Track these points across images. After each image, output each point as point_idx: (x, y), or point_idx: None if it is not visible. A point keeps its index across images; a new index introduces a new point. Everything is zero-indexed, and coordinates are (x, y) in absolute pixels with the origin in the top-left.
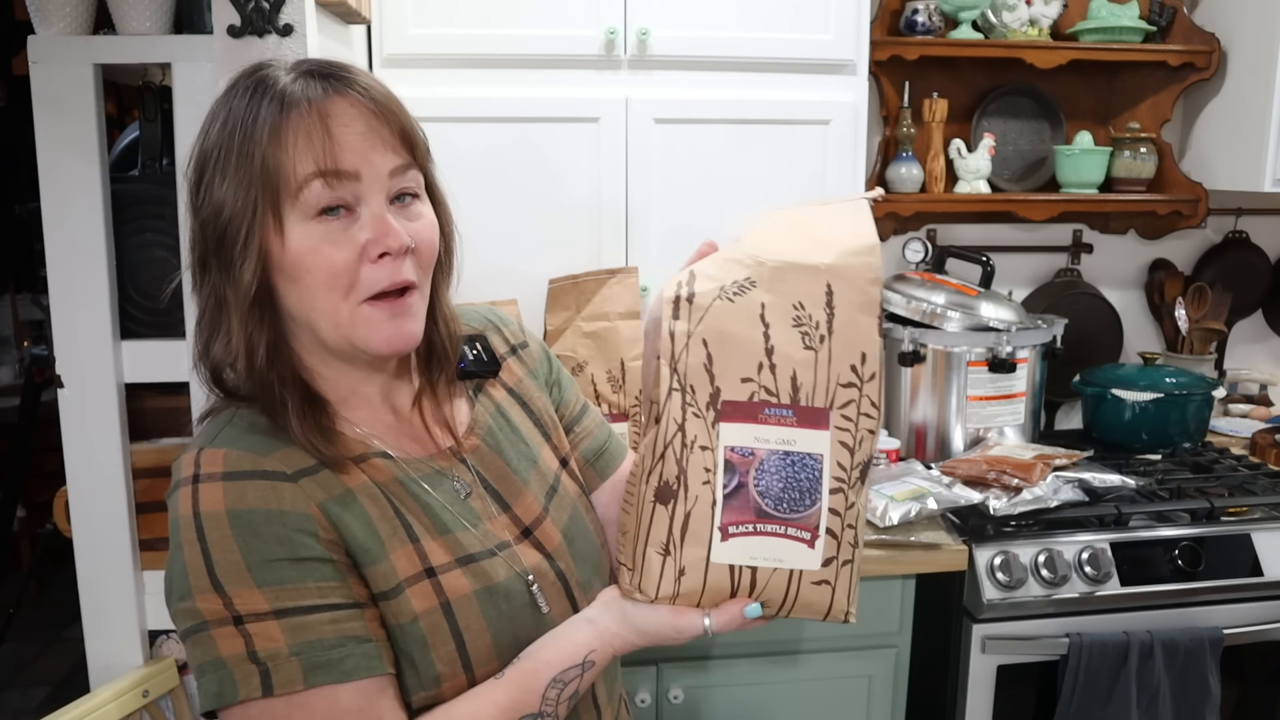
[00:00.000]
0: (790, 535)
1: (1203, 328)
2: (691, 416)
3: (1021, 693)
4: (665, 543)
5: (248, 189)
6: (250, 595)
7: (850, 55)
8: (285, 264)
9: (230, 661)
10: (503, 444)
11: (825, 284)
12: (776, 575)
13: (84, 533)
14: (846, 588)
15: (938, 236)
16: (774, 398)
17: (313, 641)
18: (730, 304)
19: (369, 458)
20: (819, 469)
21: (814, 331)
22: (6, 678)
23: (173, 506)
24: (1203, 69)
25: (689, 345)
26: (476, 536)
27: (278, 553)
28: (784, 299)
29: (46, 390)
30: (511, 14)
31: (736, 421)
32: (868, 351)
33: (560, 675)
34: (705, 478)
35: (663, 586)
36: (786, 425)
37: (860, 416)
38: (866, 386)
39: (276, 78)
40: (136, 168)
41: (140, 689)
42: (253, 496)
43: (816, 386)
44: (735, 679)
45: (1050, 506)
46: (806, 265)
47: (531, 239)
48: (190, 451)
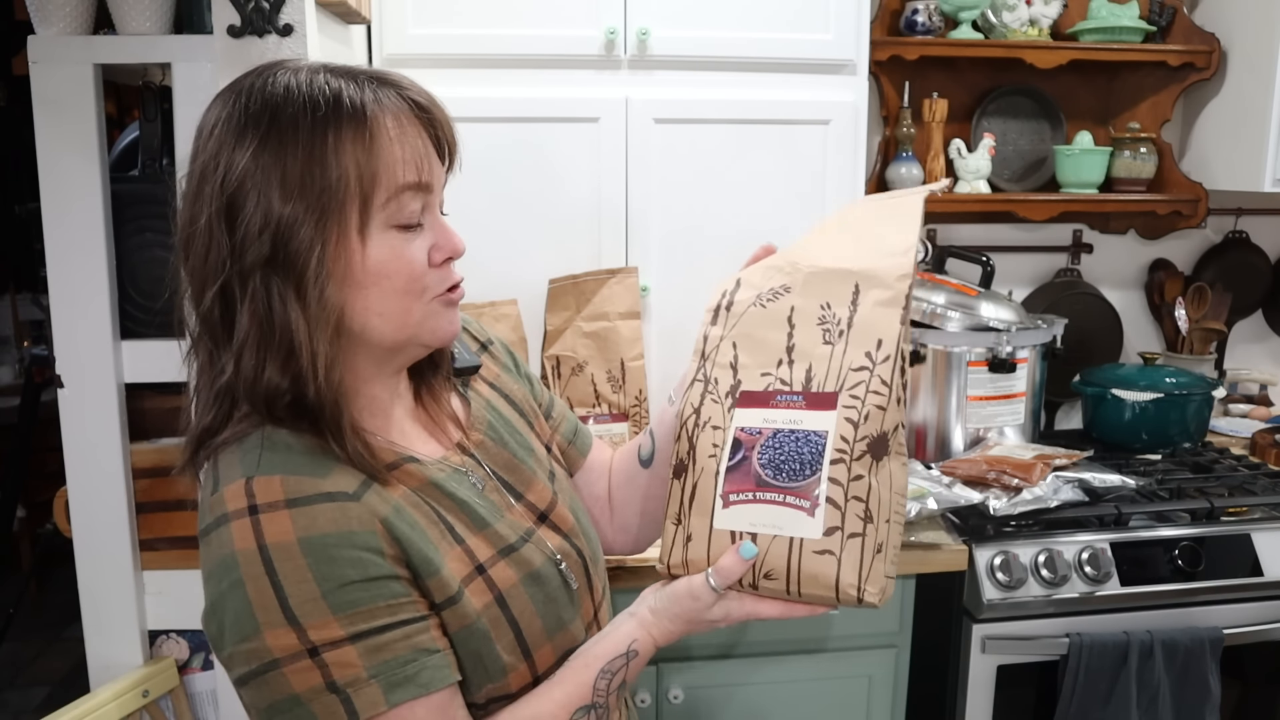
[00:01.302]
0: (789, 504)
1: (1203, 328)
2: (710, 402)
3: (1021, 693)
4: (678, 513)
5: (328, 201)
6: (327, 624)
7: (850, 55)
8: (360, 273)
9: (306, 697)
10: (504, 435)
11: (854, 284)
12: (777, 542)
13: (84, 533)
14: (856, 562)
15: (938, 236)
16: (788, 386)
17: (389, 660)
18: (763, 310)
19: (400, 464)
20: (822, 444)
21: (834, 327)
22: (6, 678)
23: (222, 543)
24: (1203, 69)
25: (719, 346)
26: (506, 527)
27: (351, 575)
28: (813, 301)
29: (46, 390)
30: (511, 14)
31: (750, 407)
32: (884, 337)
33: (608, 666)
34: (712, 452)
35: (674, 554)
36: (795, 408)
37: (868, 394)
38: (879, 367)
39: (337, 85)
40: (136, 168)
41: (140, 689)
42: (323, 521)
43: (829, 375)
44: (735, 679)
45: (1050, 506)
46: (838, 270)
47: (531, 239)
48: (232, 484)
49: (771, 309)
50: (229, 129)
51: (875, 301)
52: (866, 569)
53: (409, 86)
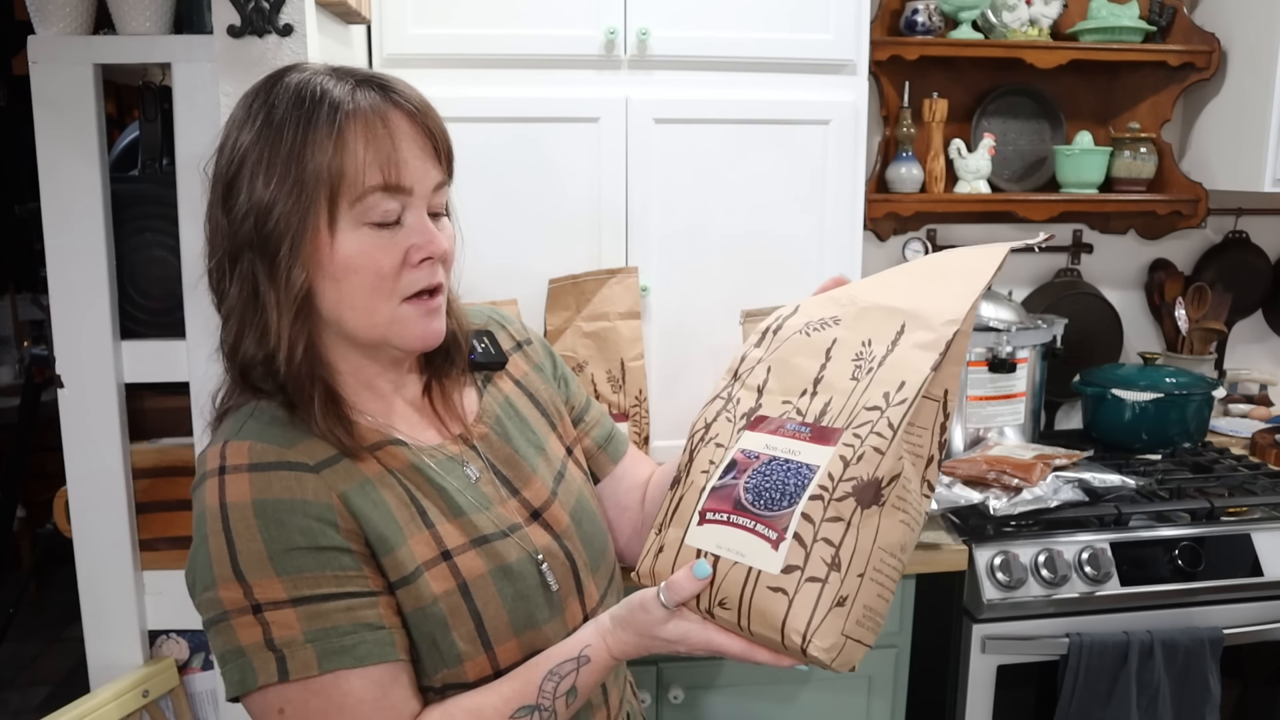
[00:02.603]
0: (757, 532)
1: (1203, 328)
2: (723, 420)
3: (1021, 693)
4: (661, 523)
5: (300, 192)
6: (270, 584)
7: (850, 55)
8: (330, 265)
9: (249, 649)
10: (511, 432)
11: (900, 324)
12: (735, 570)
13: (84, 533)
14: (808, 609)
15: (938, 236)
16: (800, 417)
17: (328, 629)
18: (806, 338)
19: (385, 445)
20: (809, 478)
21: (866, 364)
22: (6, 678)
23: (198, 500)
24: (1203, 69)
25: (754, 369)
26: (489, 519)
27: (299, 541)
28: (856, 335)
29: (46, 390)
30: (511, 14)
31: (758, 431)
32: (908, 380)
33: (556, 668)
34: (706, 468)
35: (643, 563)
36: (798, 439)
37: (871, 434)
38: (891, 409)
39: (327, 85)
40: (136, 168)
41: (140, 689)
42: (277, 486)
43: (843, 411)
44: (735, 679)
45: (1050, 506)
46: (890, 308)
47: (531, 239)
48: (215, 445)
49: (815, 338)
50: (237, 119)
51: (914, 343)
52: (819, 619)
53: (399, 90)
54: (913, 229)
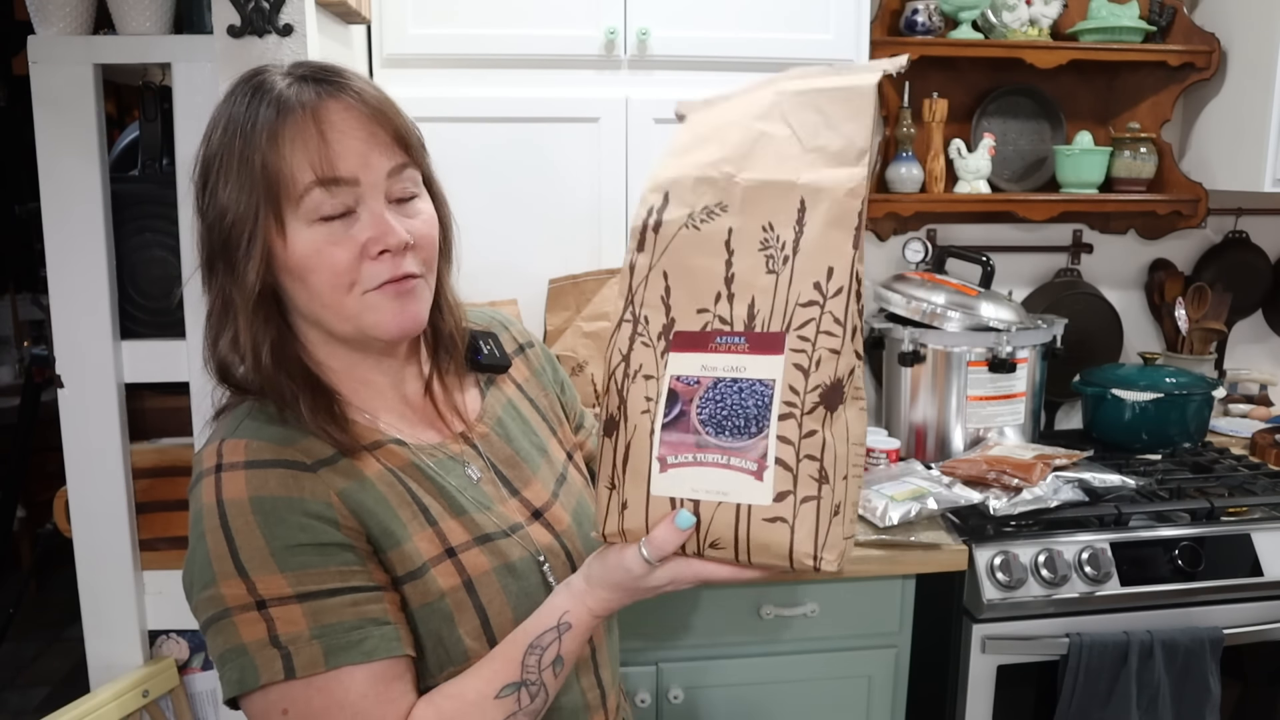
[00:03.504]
0: (734, 466)
1: (1203, 328)
2: (640, 346)
3: (1021, 693)
4: (611, 476)
5: (250, 194)
6: (273, 580)
7: (850, 55)
8: (290, 265)
9: (252, 648)
10: (513, 433)
11: (798, 200)
12: (722, 510)
13: (84, 533)
14: (812, 528)
15: (938, 236)
16: (728, 326)
17: (333, 624)
18: (696, 233)
19: (384, 444)
20: (769, 396)
21: (778, 254)
22: (6, 678)
23: (195, 499)
24: (1203, 69)
25: (648, 279)
26: (491, 518)
27: (300, 538)
28: (753, 221)
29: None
30: (511, 14)
31: (686, 351)
32: (835, 265)
33: (537, 640)
34: (645, 407)
35: (609, 523)
36: (737, 352)
37: (820, 335)
38: (830, 303)
39: (273, 82)
40: (136, 168)
41: (140, 689)
42: (274, 484)
43: (774, 311)
44: (735, 679)
45: (1050, 506)
46: (780, 183)
47: (531, 239)
48: (212, 443)
49: (706, 231)
50: (208, 124)
51: (823, 221)
52: (824, 535)
53: (341, 81)
54: (913, 229)
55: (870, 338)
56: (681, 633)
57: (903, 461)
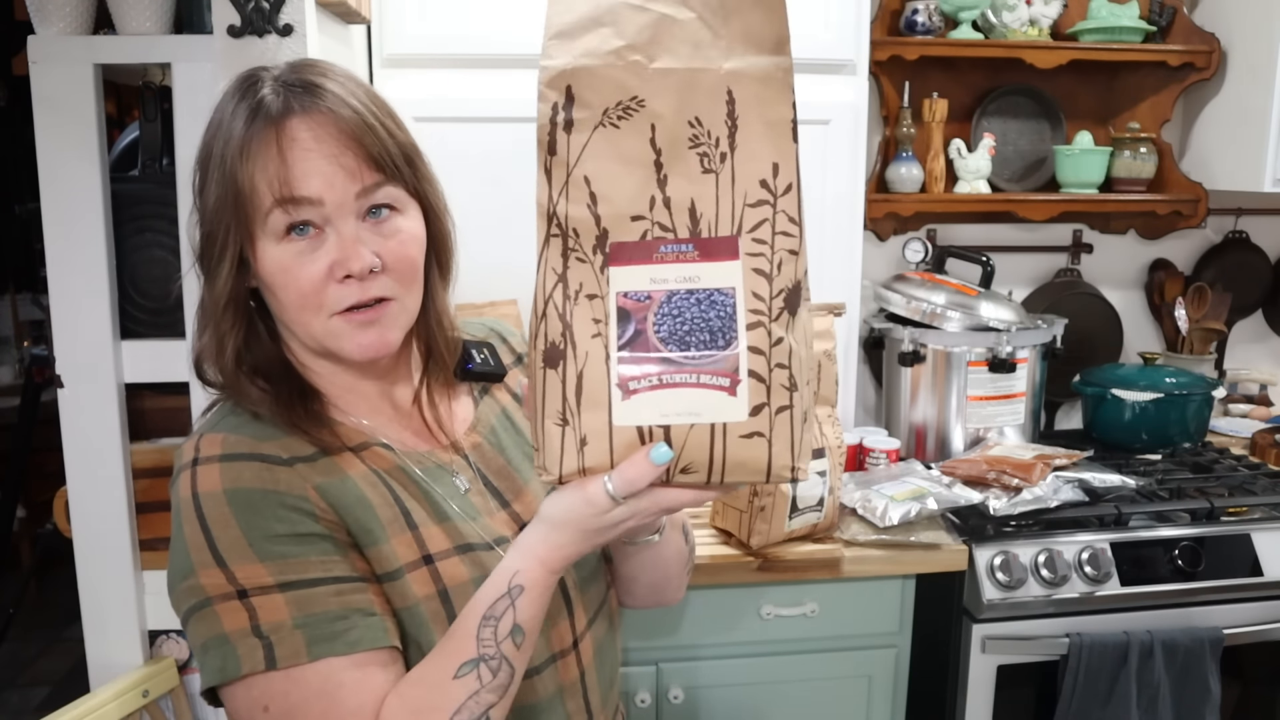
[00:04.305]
0: (705, 384)
1: (1203, 328)
2: (575, 262)
3: (1021, 693)
4: (561, 411)
5: (223, 202)
6: (253, 569)
7: (850, 55)
8: (261, 277)
9: (233, 636)
10: (505, 444)
11: (725, 91)
12: (696, 432)
13: (84, 533)
14: (788, 439)
15: (938, 236)
16: (670, 233)
17: (318, 614)
18: (615, 130)
19: (370, 446)
20: (731, 305)
21: (713, 151)
22: (6, 678)
23: (174, 493)
24: (1203, 69)
25: (568, 184)
26: (476, 529)
27: (278, 529)
28: (678, 116)
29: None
30: (511, 14)
31: (628, 264)
32: (780, 162)
33: (489, 611)
34: (595, 330)
35: (565, 462)
36: (687, 261)
37: (776, 236)
38: (781, 201)
39: (259, 88)
40: (136, 168)
41: (140, 689)
42: (248, 476)
43: (720, 214)
44: (735, 679)
45: (1050, 506)
46: (701, 70)
47: (531, 239)
48: (191, 439)
49: (626, 128)
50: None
51: (757, 114)
52: (799, 445)
53: (315, 93)
54: (913, 229)
55: (870, 338)
56: (681, 633)
57: (903, 461)
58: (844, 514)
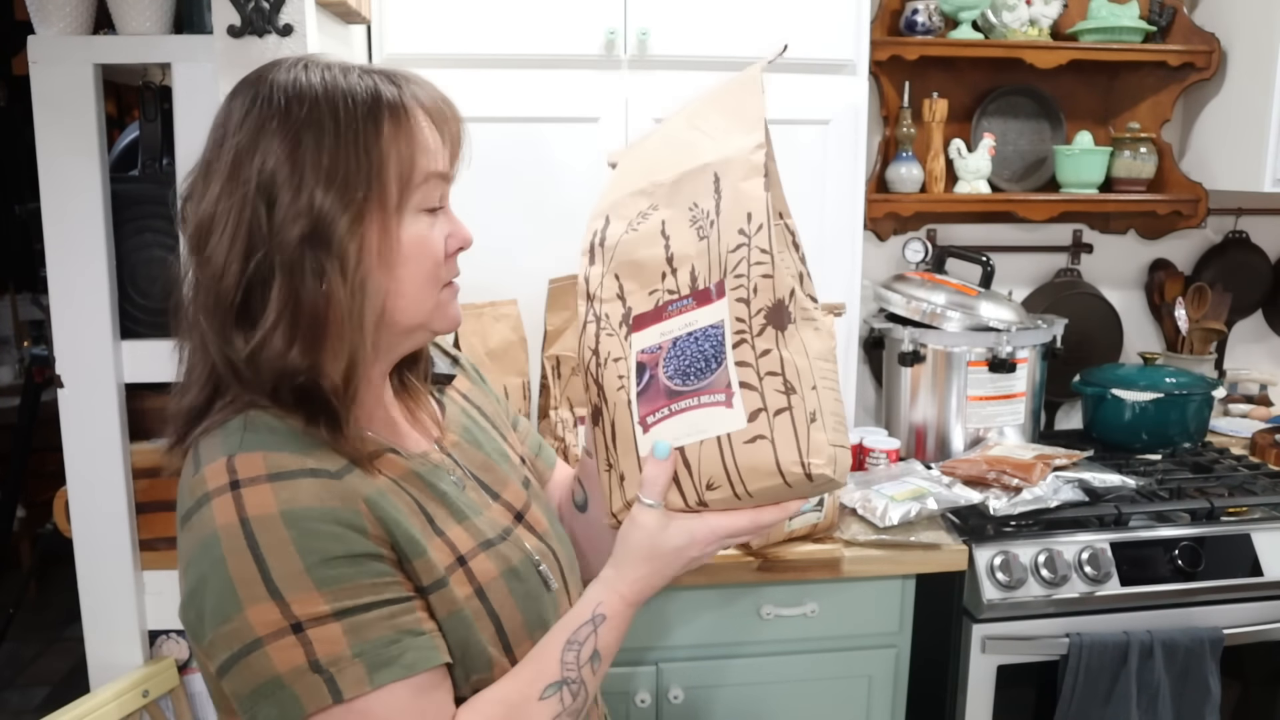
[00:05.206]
0: (705, 403)
1: (1203, 328)
2: (605, 338)
3: (1021, 693)
4: (607, 458)
5: (364, 190)
6: (309, 597)
7: (850, 55)
8: (391, 253)
9: (289, 678)
10: (480, 439)
11: (712, 175)
12: (706, 448)
13: (84, 533)
14: (790, 436)
15: (938, 236)
16: (675, 294)
17: (373, 640)
18: (636, 234)
19: (383, 454)
20: (721, 334)
21: (705, 222)
22: (6, 678)
23: (201, 525)
24: (1203, 69)
25: (603, 284)
26: (486, 523)
27: (335, 550)
28: (680, 206)
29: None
30: (511, 14)
31: (645, 328)
32: (752, 210)
33: (573, 636)
34: (619, 384)
35: (614, 501)
36: (687, 311)
37: (751, 267)
38: (755, 238)
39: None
40: (136, 168)
41: (140, 689)
42: (305, 494)
43: (711, 267)
44: (735, 679)
45: (1050, 506)
46: (695, 169)
47: (531, 239)
48: (214, 463)
49: (644, 229)
50: (265, 116)
51: (738, 180)
52: (804, 440)
53: (429, 84)
54: (913, 229)
55: (870, 338)
56: (681, 633)
57: (903, 461)
58: (844, 514)
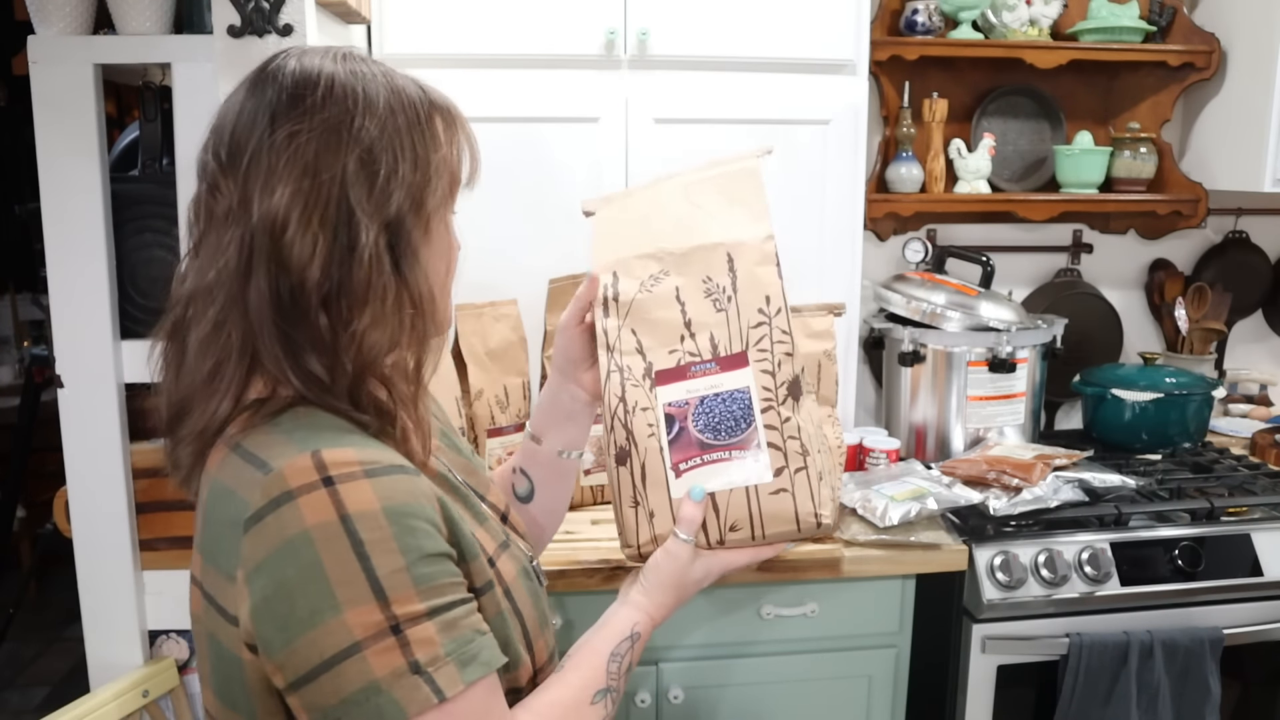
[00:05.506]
0: (735, 458)
1: (1203, 328)
2: (630, 388)
3: (1021, 693)
4: (633, 496)
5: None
6: (408, 596)
7: (850, 55)
8: (436, 250)
9: (387, 681)
10: (456, 442)
11: (725, 254)
12: (735, 495)
13: (84, 533)
14: (808, 492)
15: (938, 236)
16: (697, 357)
17: (457, 638)
18: (650, 295)
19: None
20: (748, 398)
21: (722, 295)
22: (6, 678)
23: (285, 524)
24: (1203, 69)
25: (620, 336)
26: (494, 525)
27: (429, 547)
28: (694, 277)
29: (46, 390)
30: (511, 14)
31: (670, 383)
32: (770, 294)
33: (616, 649)
34: (650, 432)
35: (641, 533)
36: (711, 374)
37: (774, 345)
38: (775, 320)
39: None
40: (136, 168)
41: (140, 689)
42: (400, 491)
43: (732, 337)
44: (735, 679)
45: (1050, 506)
46: (707, 245)
47: (532, 239)
48: (292, 459)
49: (657, 292)
50: (341, 113)
51: (752, 264)
52: (819, 495)
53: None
54: (913, 229)
55: (870, 338)
56: (681, 633)
57: (903, 461)
58: (844, 514)
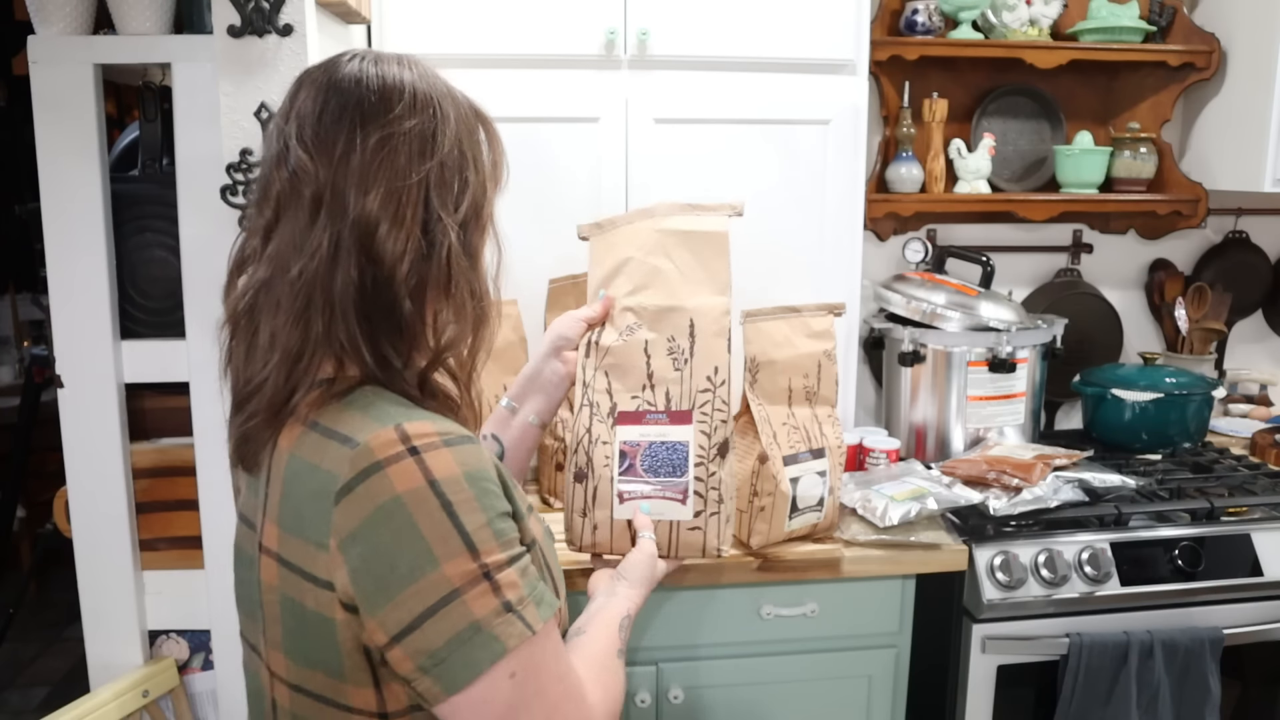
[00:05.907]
0: (667, 497)
1: (1203, 328)
2: (596, 423)
3: (1021, 693)
4: (583, 509)
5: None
6: (493, 547)
7: (850, 55)
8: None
9: (486, 621)
10: None
11: (689, 319)
12: (660, 525)
13: (84, 533)
14: (716, 531)
15: (938, 236)
16: (653, 407)
17: (530, 582)
18: (625, 344)
19: None
20: (685, 451)
21: (680, 356)
22: (6, 678)
23: (375, 492)
24: (1203, 69)
25: (594, 376)
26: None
27: (501, 506)
28: (661, 335)
29: (46, 390)
30: (511, 14)
31: (628, 425)
32: (719, 365)
33: (621, 621)
34: (605, 462)
35: (584, 537)
36: (661, 424)
37: (714, 411)
38: (719, 390)
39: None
40: (136, 168)
41: (140, 689)
42: (473, 458)
43: (683, 395)
44: (735, 679)
45: (1050, 506)
46: (676, 307)
47: (531, 239)
48: (377, 433)
49: (630, 342)
50: (428, 105)
51: (708, 334)
52: (722, 535)
53: None
54: (913, 229)
55: (870, 338)
56: (681, 633)
57: (903, 461)
58: (844, 514)
